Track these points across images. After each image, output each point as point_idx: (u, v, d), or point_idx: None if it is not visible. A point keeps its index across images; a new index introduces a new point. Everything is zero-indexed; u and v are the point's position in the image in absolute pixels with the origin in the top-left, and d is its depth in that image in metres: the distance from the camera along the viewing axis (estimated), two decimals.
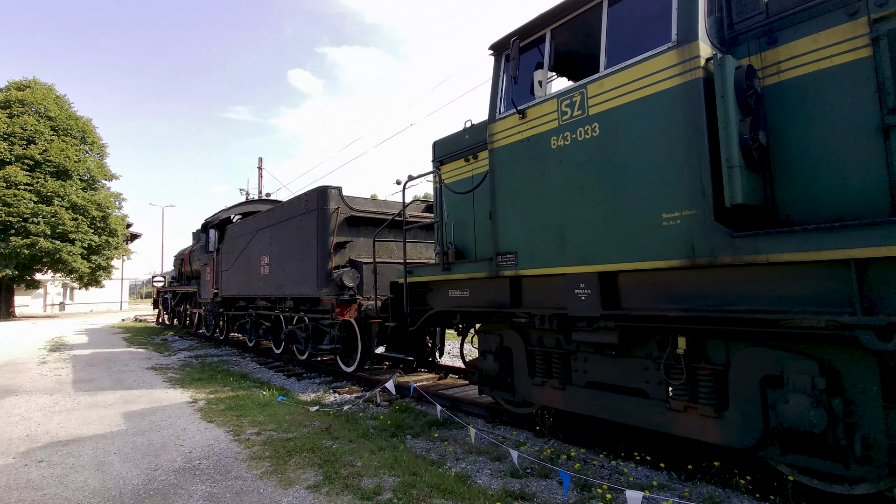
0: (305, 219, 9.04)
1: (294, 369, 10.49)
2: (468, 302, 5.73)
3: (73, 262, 30.93)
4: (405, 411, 6.70)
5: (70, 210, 31.19)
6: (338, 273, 8.12)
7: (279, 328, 11.67)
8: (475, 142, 6.41)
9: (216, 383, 8.74)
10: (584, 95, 4.35)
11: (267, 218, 10.85)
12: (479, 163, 6.37)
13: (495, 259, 5.13)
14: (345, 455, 4.67)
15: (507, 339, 5.55)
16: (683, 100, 3.63)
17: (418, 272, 6.44)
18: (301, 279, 9.14)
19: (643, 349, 4.26)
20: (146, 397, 7.55)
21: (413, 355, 6.57)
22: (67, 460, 4.76)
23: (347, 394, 8.13)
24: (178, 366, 11.08)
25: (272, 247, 10.48)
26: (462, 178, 6.64)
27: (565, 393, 4.87)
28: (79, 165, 33.18)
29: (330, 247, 8.53)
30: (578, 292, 4.33)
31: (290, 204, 9.72)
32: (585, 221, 4.28)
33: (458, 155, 6.69)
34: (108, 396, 7.69)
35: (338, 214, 8.66)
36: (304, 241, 9.03)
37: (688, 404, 3.90)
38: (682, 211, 3.62)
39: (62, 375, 9.86)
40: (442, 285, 6.12)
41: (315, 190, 8.81)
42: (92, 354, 13.29)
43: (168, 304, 22.31)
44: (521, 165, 4.92)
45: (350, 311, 8.24)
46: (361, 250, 9.03)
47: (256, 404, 6.85)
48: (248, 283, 11.86)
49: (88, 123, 35.53)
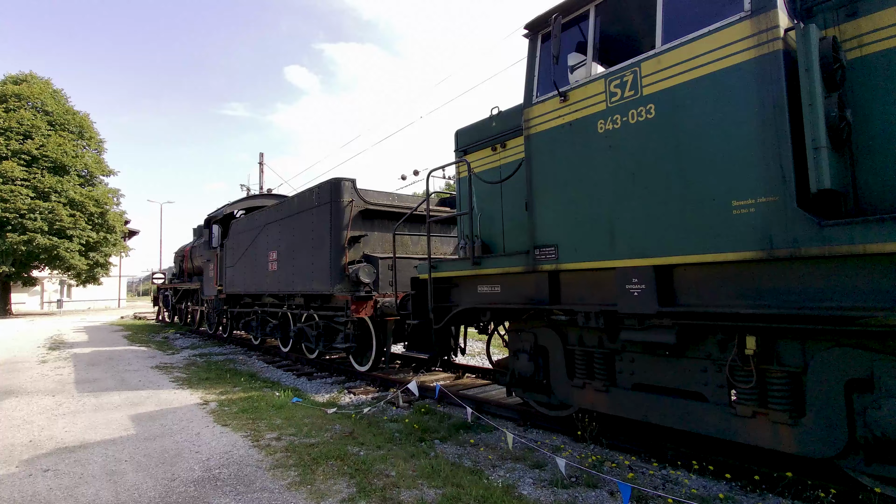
0: (317, 212, 8.69)
1: (304, 368, 10.15)
2: (499, 298, 5.40)
3: (70, 258, 30.46)
4: (427, 413, 6.38)
5: (67, 206, 30.70)
6: (353, 268, 7.77)
7: (287, 326, 11.33)
8: (503, 129, 6.07)
9: (225, 383, 8.40)
10: (636, 74, 4.01)
11: (275, 212, 10.50)
12: (508, 151, 6.04)
13: (532, 253, 4.80)
14: (376, 463, 4.33)
15: (542, 338, 5.22)
16: (760, 75, 3.29)
17: (443, 267, 6.10)
18: (313, 275, 8.79)
19: (701, 349, 3.94)
20: (154, 399, 7.20)
21: (438, 355, 6.23)
22: (75, 469, 4.42)
23: (363, 394, 7.80)
24: (183, 365, 10.73)
25: (281, 242, 10.12)
26: (488, 168, 6.30)
27: (609, 396, 4.54)
28: (76, 161, 32.66)
29: (344, 241, 8.18)
30: (630, 288, 4.00)
31: (301, 197, 9.37)
32: (638, 211, 3.95)
33: (484, 144, 6.35)
34: (113, 398, 7.33)
35: (352, 207, 8.31)
36: (316, 235, 8.68)
37: (757, 410, 3.58)
38: (756, 198, 3.28)
39: (64, 375, 9.51)
40: (470, 281, 5.79)
41: (328, 182, 8.46)
42: (93, 353, 12.92)
43: (169, 301, 21.92)
44: (562, 152, 4.58)
45: (366, 308, 7.90)
46: (376, 245, 8.69)
47: (271, 406, 6.51)
48: (255, 279, 11.51)
49: (86, 118, 35.00)
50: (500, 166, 6.15)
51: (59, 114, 32.93)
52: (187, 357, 12.04)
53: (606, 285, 4.30)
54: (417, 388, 6.49)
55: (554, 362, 5.09)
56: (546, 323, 5.17)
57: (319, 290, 8.60)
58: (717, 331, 3.76)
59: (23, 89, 31.49)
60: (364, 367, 8.72)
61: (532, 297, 4.98)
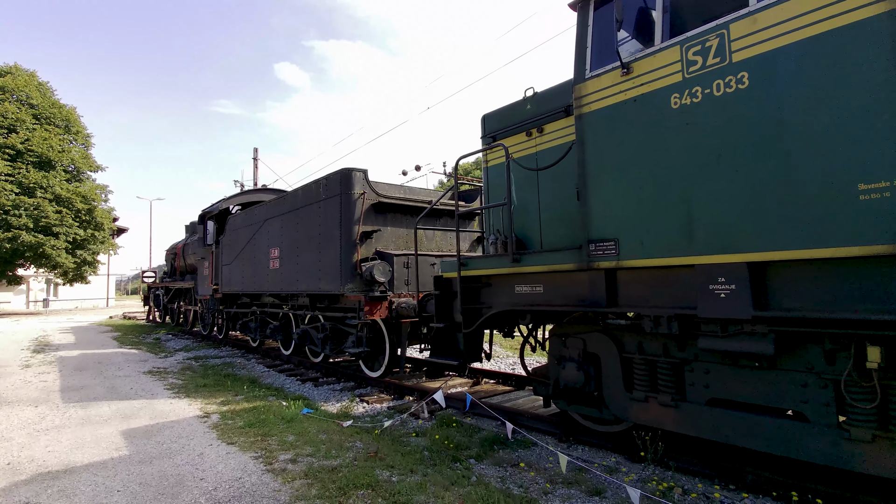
0: (325, 206, 8.04)
1: (308, 373, 9.50)
2: (542, 299, 4.80)
3: (56, 256, 29.51)
4: (453, 426, 5.78)
5: (54, 202, 29.74)
6: (367, 266, 7.14)
7: (288, 327, 10.68)
8: (540, 112, 5.47)
9: (225, 391, 7.74)
10: (723, 38, 3.42)
11: (277, 206, 9.82)
12: (546, 136, 5.44)
13: (586, 248, 4.20)
14: (413, 493, 3.72)
15: (593, 345, 4.63)
16: None
17: (474, 265, 5.50)
18: (319, 273, 8.15)
19: (799, 360, 3.36)
20: (148, 410, 6.53)
21: (466, 362, 5.62)
22: (59, 503, 3.76)
23: (377, 403, 7.18)
24: (177, 369, 10.04)
25: (283, 238, 9.46)
26: (522, 155, 5.70)
27: (679, 412, 3.96)
28: (63, 156, 31.68)
29: (355, 237, 7.54)
30: (716, 288, 3.42)
31: (306, 190, 8.71)
32: (726, 198, 3.36)
33: (517, 129, 5.75)
34: (102, 409, 6.65)
35: (364, 200, 7.67)
36: (324, 230, 8.04)
37: (878, 433, 3.01)
38: (893, 180, 2.70)
39: (48, 382, 8.79)
40: (505, 280, 5.18)
41: (337, 173, 7.81)
42: (80, 356, 12.18)
43: (160, 300, 21.14)
44: (625, 131, 3.99)
45: (380, 309, 7.27)
46: (389, 241, 8.06)
47: (280, 419, 5.87)
48: (254, 278, 10.83)
49: (73, 112, 33.99)
50: (535, 153, 5.56)
51: (45, 107, 31.93)
52: (182, 361, 11.34)
53: (680, 285, 3.71)
54: (432, 397, 5.86)
55: (608, 372, 4.50)
56: (599, 327, 4.59)
57: (327, 290, 7.96)
58: (824, 339, 3.19)
59: (7, 81, 30.45)
60: (376, 372, 8.09)
61: (584, 298, 4.39)
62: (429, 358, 6.07)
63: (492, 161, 6.07)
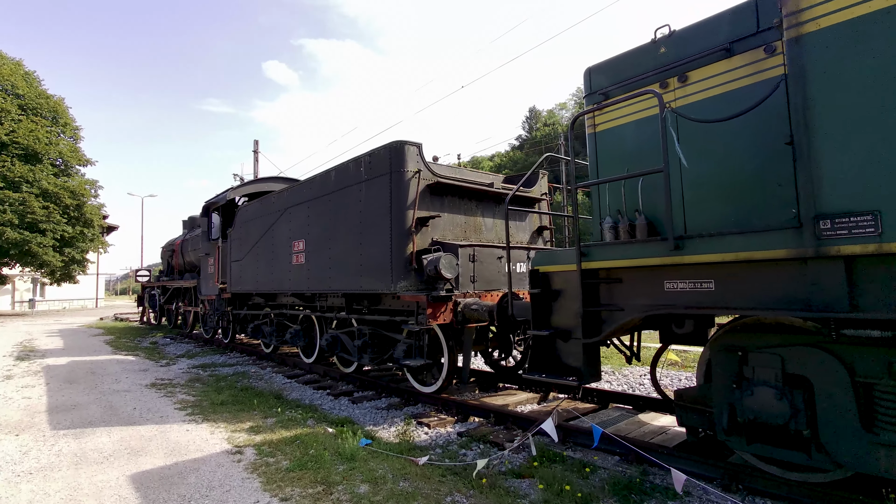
0: (369, 188, 6.69)
1: (340, 386, 8.15)
2: (712, 300, 3.50)
3: (43, 254, 27.87)
4: (555, 461, 4.49)
5: (40, 197, 28.11)
6: (429, 259, 5.80)
7: (310, 331, 9.33)
8: (685, 56, 4.16)
9: (249, 410, 6.39)
10: None
11: (302, 191, 8.45)
12: (693, 87, 4.13)
13: (812, 226, 2.91)
14: None
15: (800, 364, 3.33)
16: None
17: (599, 254, 4.19)
18: (361, 269, 6.80)
19: None
20: (160, 441, 5.16)
21: (584, 382, 4.31)
22: None
23: (440, 426, 5.87)
24: (184, 381, 8.65)
25: (311, 228, 8.09)
26: (647, 115, 4.40)
27: None
28: (50, 148, 30.02)
29: (410, 224, 6.20)
30: None
31: (342, 170, 7.34)
32: None
33: (644, 80, 4.44)
34: (101, 439, 5.27)
35: (419, 180, 6.33)
36: (367, 217, 6.69)
37: None
38: None
39: (33, 399, 7.37)
40: (651, 274, 3.88)
41: (385, 147, 6.46)
42: (70, 364, 10.72)
43: (156, 301, 19.63)
44: (883, 56, 2.70)
45: (444, 312, 5.95)
46: (446, 230, 6.72)
47: (336, 455, 4.53)
48: (271, 275, 9.45)
49: (60, 103, 32.27)
50: (653, 115, 4.25)
51: (32, 97, 30.23)
52: (187, 370, 9.94)
53: None
54: (555, 429, 4.53)
55: (829, 404, 3.19)
56: (807, 339, 3.30)
57: (372, 289, 6.60)
58: None
59: None
60: (430, 386, 6.75)
61: (800, 298, 3.08)
62: (527, 374, 4.75)
63: (604, 124, 4.75)
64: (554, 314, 4.74)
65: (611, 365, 9.23)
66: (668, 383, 7.63)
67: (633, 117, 4.49)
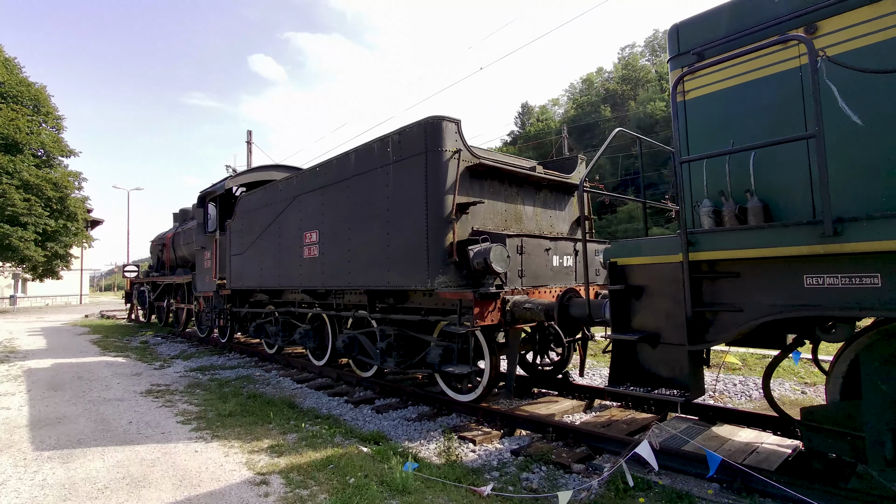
0: (399, 170, 5.89)
1: (356, 392, 7.37)
2: (880, 300, 2.78)
3: (25, 249, 26.66)
4: (645, 489, 3.76)
5: (21, 189, 26.88)
6: (478, 250, 5.03)
7: (321, 330, 8.54)
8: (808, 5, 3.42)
9: (263, 423, 5.59)
10: None
11: (315, 177, 7.61)
12: (822, 41, 3.39)
13: None
14: None
15: None
16: None
17: (709, 242, 3.45)
18: (388, 262, 6.01)
19: None
20: (166, 466, 4.34)
21: (694, 396, 3.58)
22: None
23: (486, 442, 5.12)
24: (183, 387, 7.81)
25: (326, 217, 7.27)
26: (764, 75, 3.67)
27: None
28: (31, 139, 28.72)
29: (450, 211, 5.43)
30: None
31: (364, 152, 6.52)
32: None
33: (755, 35, 3.70)
34: (94, 464, 4.44)
35: (459, 160, 5.55)
36: (396, 203, 5.90)
37: None
38: None
39: (12, 410, 6.50)
40: (785, 267, 3.15)
41: (419, 124, 5.66)
42: (54, 367, 9.81)
43: (145, 298, 18.64)
44: None
45: (491, 311, 5.19)
46: (486, 218, 5.96)
47: (384, 486, 3.75)
48: (278, 269, 8.62)
49: (42, 91, 30.87)
50: (783, 71, 3.52)
51: (12, 84, 28.87)
52: (184, 373, 9.09)
53: None
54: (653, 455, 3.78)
55: None
56: None
57: (403, 285, 5.82)
58: None
59: None
60: (467, 395, 5.99)
61: None
62: (611, 387, 4.00)
63: (697, 90, 4.01)
64: (637, 315, 4.01)
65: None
66: (723, 388, 6.95)
67: (742, 79, 3.75)
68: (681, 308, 3.70)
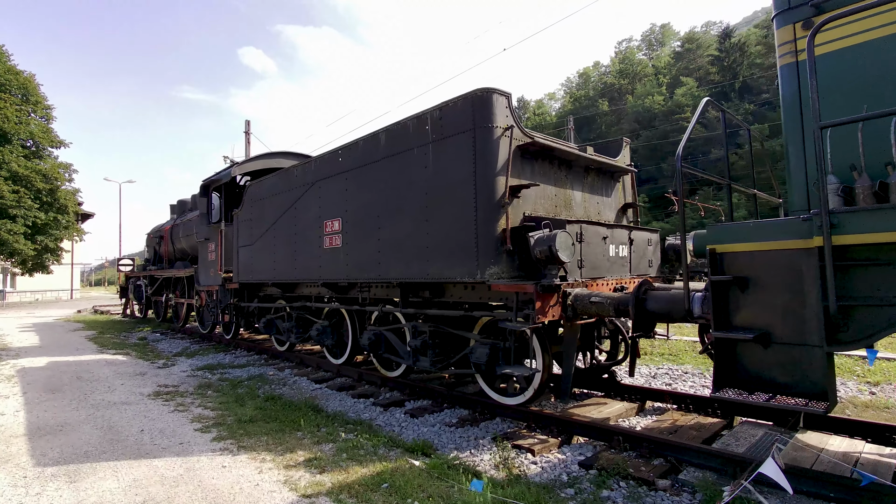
0: (439, 149, 5.30)
1: (381, 393, 6.79)
2: None
3: (14, 242, 25.72)
4: None
5: (10, 181, 25.93)
6: (541, 237, 4.45)
7: (339, 326, 7.96)
8: None
9: (292, 430, 5.01)
10: None
11: (337, 160, 6.99)
12: None
13: None
14: None
15: None
16: None
17: (855, 224, 2.90)
18: (428, 251, 5.43)
19: None
20: (192, 486, 3.75)
21: (832, 405, 3.04)
22: None
23: (544, 451, 4.57)
24: (193, 387, 7.20)
25: (350, 204, 6.67)
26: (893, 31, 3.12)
27: None
28: (20, 128, 27.71)
29: (502, 194, 4.84)
30: None
31: (396, 132, 5.91)
32: None
33: None
34: (108, 483, 3.84)
35: (511, 138, 4.97)
36: (437, 187, 5.31)
37: None
38: None
39: (7, 416, 5.86)
40: None
41: (466, 97, 5.06)
42: (51, 367, 9.15)
43: (142, 292, 17.91)
44: None
45: (552, 305, 4.62)
46: (537, 203, 5.38)
47: None
48: (293, 262, 8.01)
49: (31, 79, 29.81)
50: None
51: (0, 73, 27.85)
52: (191, 372, 8.47)
53: None
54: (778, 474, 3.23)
55: None
56: None
57: (448, 277, 5.23)
58: None
59: None
60: (516, 398, 5.43)
61: None
62: (715, 394, 3.45)
63: (821, 48, 3.45)
64: (742, 310, 3.46)
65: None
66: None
67: (878, 32, 3.20)
68: (801, 302, 3.16)
